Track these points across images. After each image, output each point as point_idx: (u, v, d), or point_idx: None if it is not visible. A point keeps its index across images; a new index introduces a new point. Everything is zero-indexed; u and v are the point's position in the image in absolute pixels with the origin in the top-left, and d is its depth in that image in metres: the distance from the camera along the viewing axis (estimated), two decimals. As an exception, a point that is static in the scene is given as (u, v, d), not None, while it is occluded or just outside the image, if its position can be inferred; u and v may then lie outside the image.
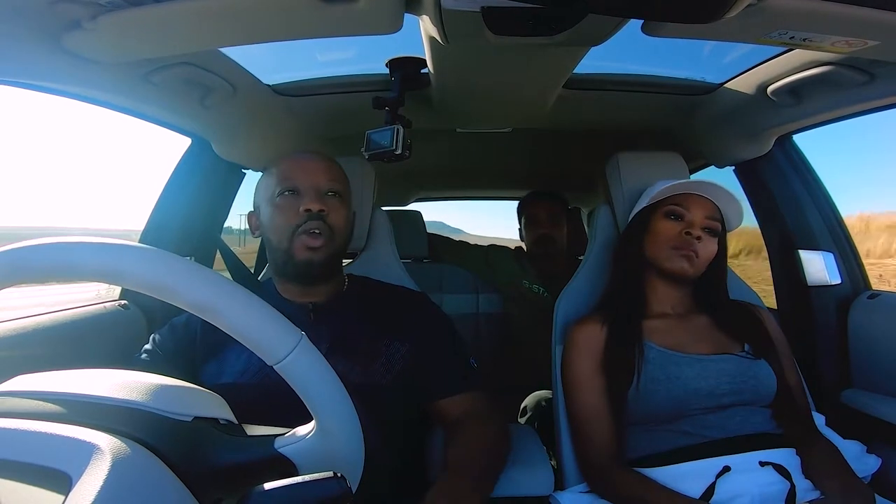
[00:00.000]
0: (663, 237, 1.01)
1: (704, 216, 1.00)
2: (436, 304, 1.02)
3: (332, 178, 0.92)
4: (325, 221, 0.88)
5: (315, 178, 0.90)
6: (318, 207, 0.87)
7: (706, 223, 1.00)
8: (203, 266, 0.43)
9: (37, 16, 0.71)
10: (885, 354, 1.13)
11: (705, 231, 0.99)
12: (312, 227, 0.87)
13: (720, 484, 0.83)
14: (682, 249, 0.98)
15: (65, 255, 0.40)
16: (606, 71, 1.28)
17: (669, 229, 1.01)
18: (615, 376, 0.95)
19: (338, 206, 0.91)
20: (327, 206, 0.89)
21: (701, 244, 0.98)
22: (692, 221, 0.99)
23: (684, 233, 0.99)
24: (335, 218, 0.90)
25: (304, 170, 0.91)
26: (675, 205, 1.02)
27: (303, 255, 0.87)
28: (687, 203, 1.01)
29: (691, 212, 1.00)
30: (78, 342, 1.03)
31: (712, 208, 1.01)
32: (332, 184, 0.92)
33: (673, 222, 1.01)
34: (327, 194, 0.91)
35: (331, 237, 0.89)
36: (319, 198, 0.88)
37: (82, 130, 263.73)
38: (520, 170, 2.38)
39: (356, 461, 0.48)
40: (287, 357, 0.43)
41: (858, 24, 0.71)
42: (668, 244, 1.00)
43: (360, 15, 0.73)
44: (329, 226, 0.89)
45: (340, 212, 0.92)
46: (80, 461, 0.35)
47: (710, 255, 1.00)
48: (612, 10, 0.64)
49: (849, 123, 1.16)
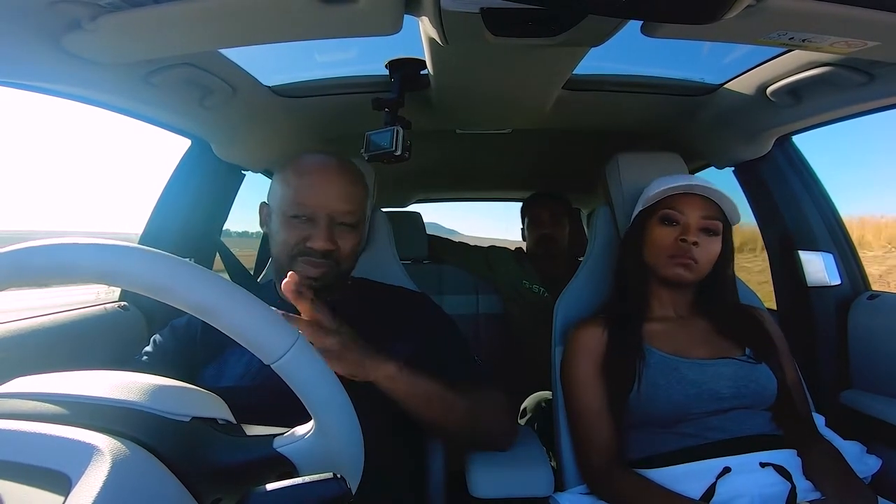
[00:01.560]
0: (659, 245, 0.98)
1: (700, 217, 0.97)
2: (437, 305, 1.01)
3: (350, 203, 0.87)
4: (329, 257, 0.86)
5: (330, 208, 0.85)
6: (328, 248, 0.84)
7: (703, 224, 0.97)
8: (200, 266, 0.43)
9: (36, 16, 0.71)
10: (885, 355, 1.13)
11: (703, 232, 0.97)
12: (314, 262, 0.85)
13: (720, 485, 0.83)
14: (678, 258, 0.96)
15: (63, 256, 0.40)
16: (606, 72, 1.28)
17: (665, 237, 0.98)
18: (616, 380, 0.95)
19: (348, 236, 0.88)
20: (337, 240, 0.86)
21: (699, 248, 0.95)
22: (687, 225, 0.97)
23: (679, 240, 0.96)
24: (343, 250, 0.87)
25: (320, 195, 0.85)
26: (669, 208, 0.99)
27: (303, 280, 0.85)
28: (681, 205, 0.98)
29: (686, 214, 0.97)
30: (78, 343, 1.03)
31: (709, 207, 0.97)
32: (349, 215, 0.87)
33: (668, 228, 0.98)
34: (339, 225, 0.87)
35: (334, 267, 0.87)
36: (330, 235, 0.85)
37: (82, 132, 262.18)
38: (519, 171, 2.38)
39: (356, 461, 0.48)
40: (284, 356, 0.43)
41: (858, 25, 0.71)
42: (665, 253, 0.97)
43: (360, 16, 0.73)
44: (335, 259, 0.86)
45: (350, 242, 0.88)
46: (80, 462, 0.35)
47: (711, 257, 0.98)
48: (612, 11, 0.64)
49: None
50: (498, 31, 0.81)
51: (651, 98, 1.35)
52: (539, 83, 1.16)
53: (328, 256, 0.85)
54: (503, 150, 1.97)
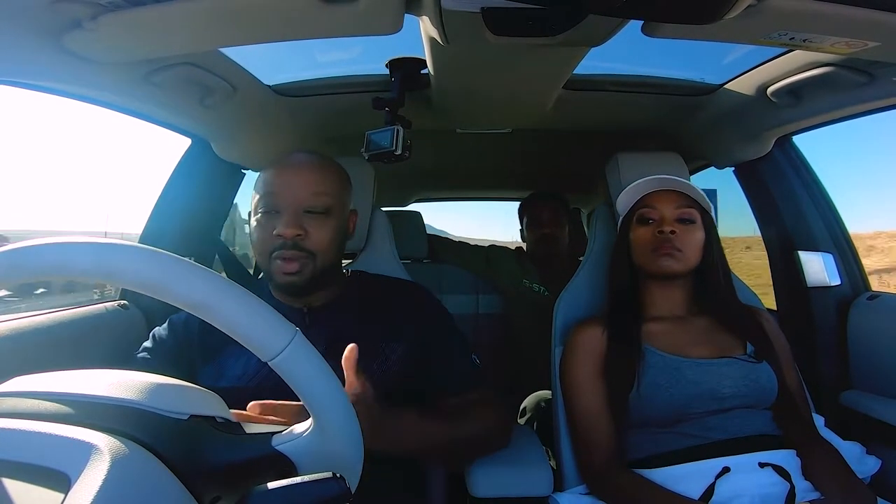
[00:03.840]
0: (642, 244, 1.02)
1: (674, 208, 1.00)
2: (436, 298, 1.00)
3: (318, 192, 0.86)
4: (300, 247, 0.83)
5: (295, 196, 0.84)
6: (293, 233, 0.82)
7: (677, 214, 1.00)
8: (197, 264, 0.43)
9: (37, 16, 0.71)
10: (884, 355, 1.13)
11: (680, 222, 1.00)
12: (286, 255, 0.83)
13: (720, 485, 0.83)
14: (660, 249, 0.98)
15: (59, 255, 0.40)
16: (607, 71, 1.28)
17: (644, 234, 1.02)
18: (616, 381, 0.95)
19: (320, 224, 0.85)
20: (307, 228, 0.84)
21: (679, 237, 0.98)
22: (662, 218, 1.00)
23: (657, 232, 0.99)
24: (315, 238, 0.85)
25: (285, 184, 0.85)
26: (644, 207, 1.03)
27: (282, 278, 0.84)
28: (653, 202, 1.02)
29: (659, 209, 1.01)
30: (78, 342, 1.03)
31: (682, 198, 1.01)
32: (317, 198, 0.86)
33: (646, 226, 1.02)
34: (308, 213, 0.85)
35: (309, 259, 0.85)
36: (296, 221, 0.83)
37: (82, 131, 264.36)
38: (520, 171, 2.38)
39: (355, 459, 0.48)
40: (282, 353, 0.43)
41: (858, 25, 0.71)
42: (648, 248, 1.00)
43: (361, 15, 0.73)
44: (306, 249, 0.84)
45: (322, 230, 0.86)
46: (79, 461, 0.35)
47: (696, 244, 1.00)
48: (613, 10, 0.64)
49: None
50: (498, 31, 0.81)
51: (651, 98, 1.35)
52: (539, 83, 1.16)
53: (299, 247, 0.83)
54: (503, 149, 1.97)
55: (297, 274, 0.84)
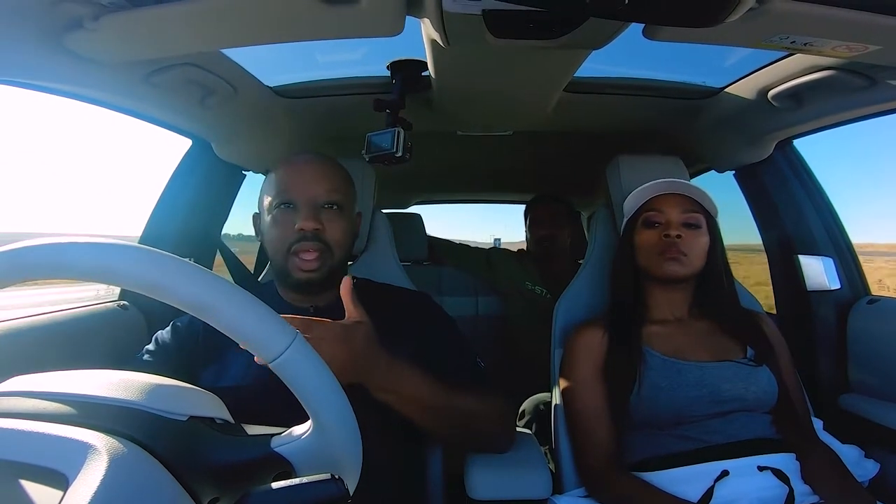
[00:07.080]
0: (647, 247, 1.02)
1: (680, 212, 1.00)
2: (438, 305, 1.01)
3: (332, 188, 0.89)
4: (320, 239, 0.86)
5: (312, 190, 0.87)
6: (313, 226, 0.85)
7: (683, 218, 1.00)
8: (197, 265, 0.43)
9: (38, 16, 0.71)
10: (884, 359, 1.13)
11: (686, 227, 1.00)
12: (307, 248, 0.85)
13: (718, 488, 0.83)
14: (666, 253, 0.98)
15: (58, 255, 0.40)
16: (608, 74, 1.28)
17: (650, 238, 1.02)
18: (616, 383, 0.95)
19: (336, 218, 0.88)
20: (324, 222, 0.86)
21: (684, 241, 0.98)
22: (668, 222, 1.00)
23: (663, 236, 0.99)
24: (332, 233, 0.87)
25: (301, 180, 0.88)
26: (650, 210, 1.03)
27: (299, 274, 0.86)
28: (659, 205, 1.02)
29: (665, 213, 1.01)
30: (77, 342, 1.03)
31: (688, 202, 1.01)
32: (331, 194, 0.88)
33: (652, 230, 1.02)
34: (325, 207, 0.88)
35: (328, 253, 0.87)
36: (315, 214, 0.86)
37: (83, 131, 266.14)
38: (520, 173, 2.39)
39: (354, 461, 0.47)
40: (282, 355, 0.43)
41: (859, 29, 0.71)
42: (654, 252, 1.00)
43: (362, 17, 0.73)
44: (325, 242, 0.86)
45: (339, 225, 0.89)
46: (77, 461, 0.35)
47: (701, 249, 1.00)
48: (614, 13, 0.64)
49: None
50: (499, 33, 0.81)
51: (652, 101, 1.35)
52: (540, 85, 1.16)
53: (318, 238, 0.86)
54: (504, 152, 1.97)
55: (315, 271, 0.86)
